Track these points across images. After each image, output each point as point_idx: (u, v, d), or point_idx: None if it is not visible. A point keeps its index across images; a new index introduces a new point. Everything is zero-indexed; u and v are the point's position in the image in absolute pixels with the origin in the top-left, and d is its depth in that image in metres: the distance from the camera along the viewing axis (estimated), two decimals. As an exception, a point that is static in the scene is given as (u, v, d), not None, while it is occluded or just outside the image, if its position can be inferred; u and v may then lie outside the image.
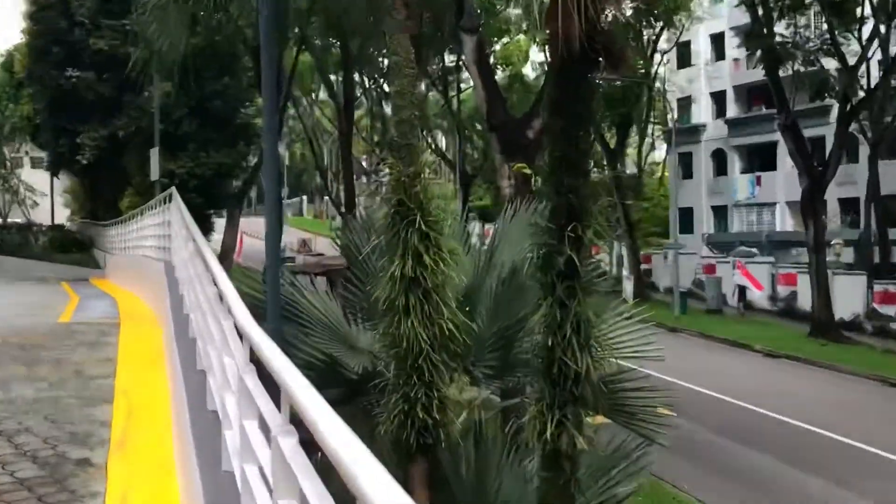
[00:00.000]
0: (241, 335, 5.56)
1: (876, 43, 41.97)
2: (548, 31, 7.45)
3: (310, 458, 3.59)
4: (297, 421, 3.93)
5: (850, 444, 23.74)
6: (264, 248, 13.55)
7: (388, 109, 53.27)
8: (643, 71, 54.48)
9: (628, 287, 52.27)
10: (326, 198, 75.05)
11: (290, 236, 62.63)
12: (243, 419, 5.08)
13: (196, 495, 5.97)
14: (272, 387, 4.56)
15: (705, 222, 66.36)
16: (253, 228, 77.59)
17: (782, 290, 48.38)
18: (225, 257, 38.62)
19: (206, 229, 37.61)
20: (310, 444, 3.38)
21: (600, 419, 9.92)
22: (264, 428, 4.63)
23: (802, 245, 45.42)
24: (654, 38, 55.89)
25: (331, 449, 2.87)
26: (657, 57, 59.32)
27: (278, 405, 4.13)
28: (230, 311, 6.25)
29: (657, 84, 61.77)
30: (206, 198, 38.15)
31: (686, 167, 67.60)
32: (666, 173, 70.80)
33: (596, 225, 7.86)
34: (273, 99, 13.68)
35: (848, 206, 54.22)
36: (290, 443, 3.74)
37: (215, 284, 7.89)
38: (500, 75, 57.27)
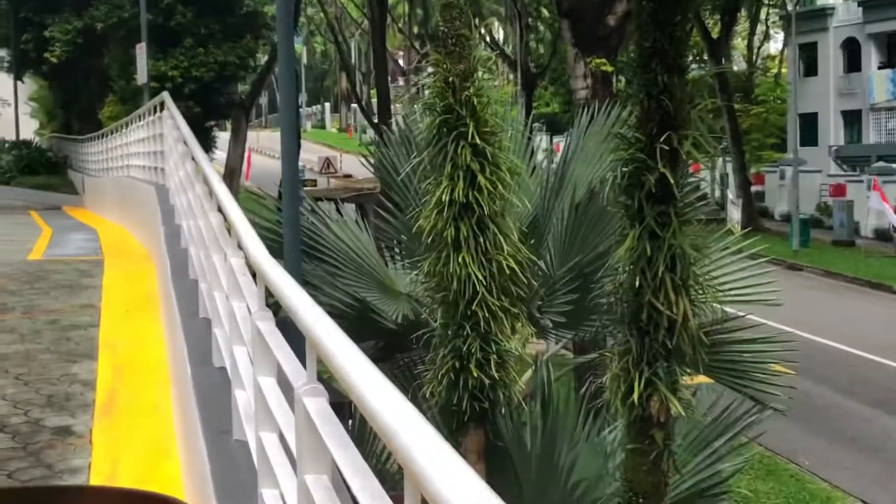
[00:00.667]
0: (254, 274, 5.59)
1: None
2: None
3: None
4: (324, 380, 3.96)
5: None
6: (280, 168, 13.56)
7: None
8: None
9: (735, 214, 51.90)
10: (355, 105, 74.67)
11: (311, 154, 62.70)
12: (258, 376, 5.05)
13: (201, 471, 5.95)
14: (293, 341, 4.59)
15: (833, 132, 65.57)
16: (264, 144, 77.86)
17: (931, 217, 47.90)
18: (230, 179, 38.84)
19: (207, 145, 37.78)
20: (341, 408, 3.39)
21: (700, 378, 9.92)
22: (286, 387, 4.54)
23: (957, 159, 44.84)
24: None
25: (371, 410, 2.82)
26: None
27: (302, 360, 4.09)
28: (240, 244, 6.27)
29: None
30: (205, 106, 38.26)
31: (809, 62, 66.68)
32: (784, 70, 69.95)
33: (695, 135, 7.78)
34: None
35: None
36: (318, 403, 3.69)
37: (220, 212, 7.94)
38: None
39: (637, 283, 7.59)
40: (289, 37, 13.79)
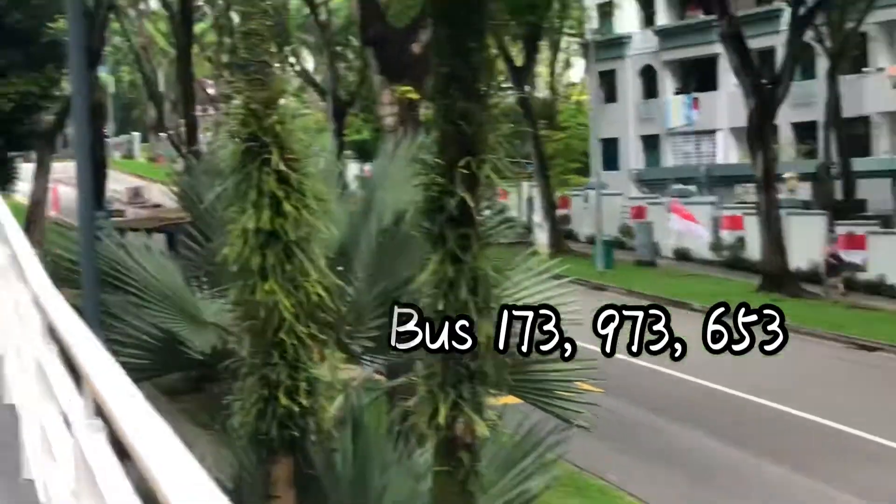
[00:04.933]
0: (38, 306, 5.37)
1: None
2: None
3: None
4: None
5: (810, 419, 24.36)
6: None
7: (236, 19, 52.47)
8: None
9: (541, 236, 52.70)
10: (164, 135, 73.66)
11: (119, 184, 61.61)
12: (43, 414, 4.82)
13: None
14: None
15: (633, 156, 67.11)
16: (71, 175, 75.56)
17: (726, 236, 49.30)
18: (35, 211, 37.84)
19: (9, 177, 36.77)
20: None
21: (506, 399, 9.95)
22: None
23: (750, 180, 46.24)
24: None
25: (136, 451, 2.58)
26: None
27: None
28: (23, 275, 6.00)
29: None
30: (6, 138, 37.12)
31: (609, 88, 68.18)
32: (585, 96, 71.33)
33: (496, 159, 7.80)
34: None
35: (803, 131, 55.31)
36: (93, 440, 3.44)
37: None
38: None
39: (441, 307, 7.56)
40: (81, 65, 13.42)
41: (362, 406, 10.33)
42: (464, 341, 7.45)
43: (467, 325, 7.44)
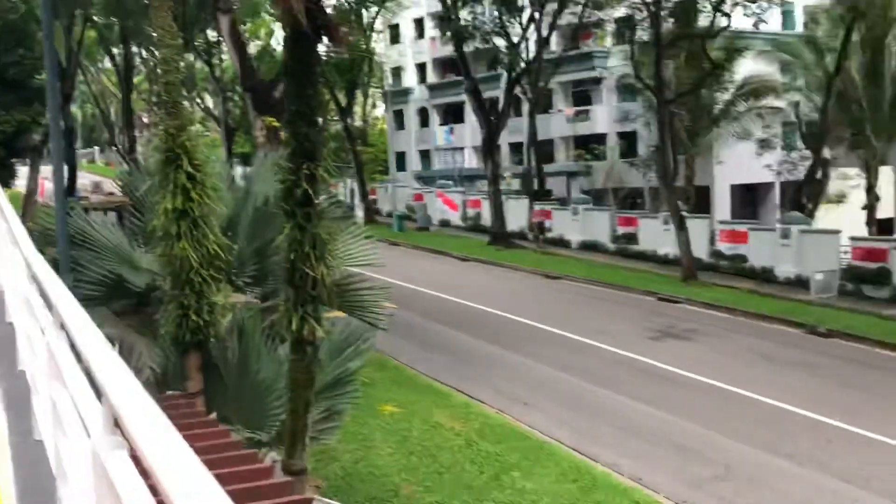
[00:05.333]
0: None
1: (532, 26, 43.42)
2: (280, 10, 7.19)
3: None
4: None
5: (517, 319, 25.03)
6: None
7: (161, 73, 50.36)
8: (364, 46, 54.22)
9: (359, 213, 52.41)
10: (115, 148, 70.48)
11: (85, 180, 58.52)
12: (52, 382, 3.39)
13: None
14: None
15: (415, 162, 67.25)
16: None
17: (471, 212, 50.01)
18: (28, 198, 36.44)
19: (10, 175, 35.41)
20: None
21: (335, 313, 9.89)
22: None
23: (484, 178, 46.96)
24: (371, 20, 55.40)
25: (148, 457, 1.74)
26: (374, 35, 59.10)
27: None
28: (14, 240, 5.43)
29: (375, 56, 61.74)
30: (8, 150, 35.30)
31: (399, 121, 68.07)
32: (384, 125, 71.21)
33: (326, 164, 7.75)
34: (52, 56, 12.55)
35: (515, 148, 56.39)
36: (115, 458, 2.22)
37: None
38: (252, 47, 55.35)
39: (292, 257, 7.47)
40: (56, 103, 12.77)
41: (245, 319, 10.12)
42: (308, 278, 7.38)
43: (310, 267, 7.36)
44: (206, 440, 5.98)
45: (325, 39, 7.63)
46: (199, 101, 68.51)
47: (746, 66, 40.69)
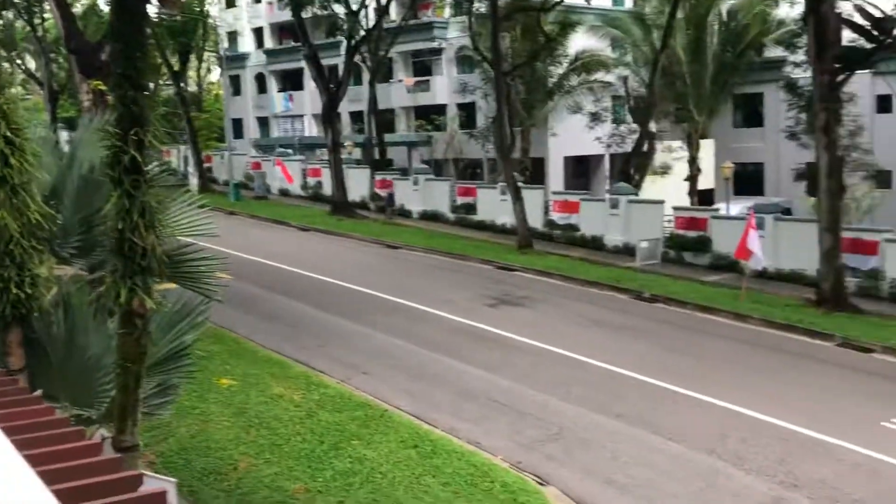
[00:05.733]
0: None
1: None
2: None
3: None
4: None
5: (358, 289, 25.08)
6: None
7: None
8: (198, 8, 52.38)
9: (194, 181, 50.90)
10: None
11: None
12: None
13: None
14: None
15: (252, 130, 65.69)
16: None
17: (311, 181, 49.48)
18: None
19: None
20: None
21: (167, 285, 9.59)
22: None
23: (324, 146, 46.52)
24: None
25: None
26: (209, -2, 57.13)
27: None
28: None
29: (210, 19, 59.71)
30: None
31: (236, 86, 66.23)
32: (220, 91, 69.09)
33: (156, 130, 7.48)
34: None
35: (356, 117, 56.11)
36: None
37: None
38: (78, 6, 52.29)
39: (120, 226, 7.20)
40: None
41: (71, 292, 9.67)
42: (137, 248, 7.14)
43: (139, 237, 7.11)
44: (27, 418, 5.70)
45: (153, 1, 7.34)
46: (19, 62, 64.36)
47: (579, 41, 42.14)
